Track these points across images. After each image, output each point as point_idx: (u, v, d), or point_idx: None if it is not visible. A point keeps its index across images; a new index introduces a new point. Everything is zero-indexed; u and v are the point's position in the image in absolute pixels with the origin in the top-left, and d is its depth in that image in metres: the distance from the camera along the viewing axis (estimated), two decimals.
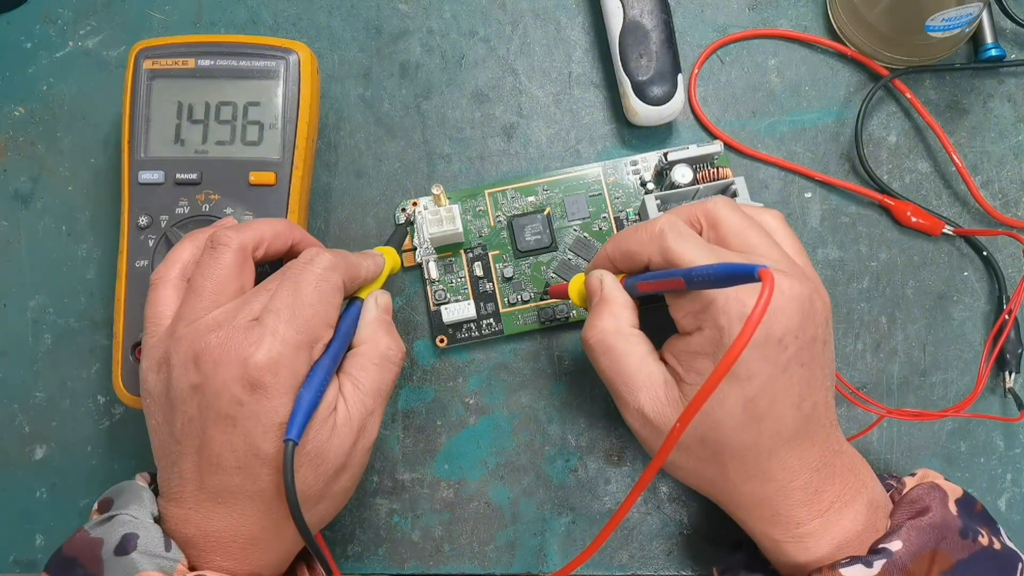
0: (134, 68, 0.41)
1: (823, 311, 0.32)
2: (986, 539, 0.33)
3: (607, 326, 0.35)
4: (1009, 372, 0.43)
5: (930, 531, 0.32)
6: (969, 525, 0.33)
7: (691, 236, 0.33)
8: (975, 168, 0.46)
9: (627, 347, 0.34)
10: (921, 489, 0.34)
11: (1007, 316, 0.42)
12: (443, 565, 0.42)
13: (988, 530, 0.34)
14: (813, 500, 0.33)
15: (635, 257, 0.34)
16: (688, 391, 0.32)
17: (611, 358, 0.34)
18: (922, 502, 0.33)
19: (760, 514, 0.33)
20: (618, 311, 0.35)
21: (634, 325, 0.35)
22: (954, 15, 0.42)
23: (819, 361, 0.32)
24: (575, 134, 0.46)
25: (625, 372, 0.34)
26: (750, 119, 0.46)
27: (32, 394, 0.44)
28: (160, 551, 0.30)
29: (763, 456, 0.32)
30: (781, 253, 0.33)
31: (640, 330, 0.35)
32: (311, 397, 0.31)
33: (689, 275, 0.30)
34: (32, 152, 0.46)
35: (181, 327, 0.32)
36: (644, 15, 0.44)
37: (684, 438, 0.32)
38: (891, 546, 0.31)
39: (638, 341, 0.34)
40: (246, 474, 0.31)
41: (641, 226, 0.34)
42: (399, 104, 0.47)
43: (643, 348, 0.34)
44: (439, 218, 0.42)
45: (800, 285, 0.31)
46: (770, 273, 0.25)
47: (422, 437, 0.43)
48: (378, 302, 0.37)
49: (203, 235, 0.35)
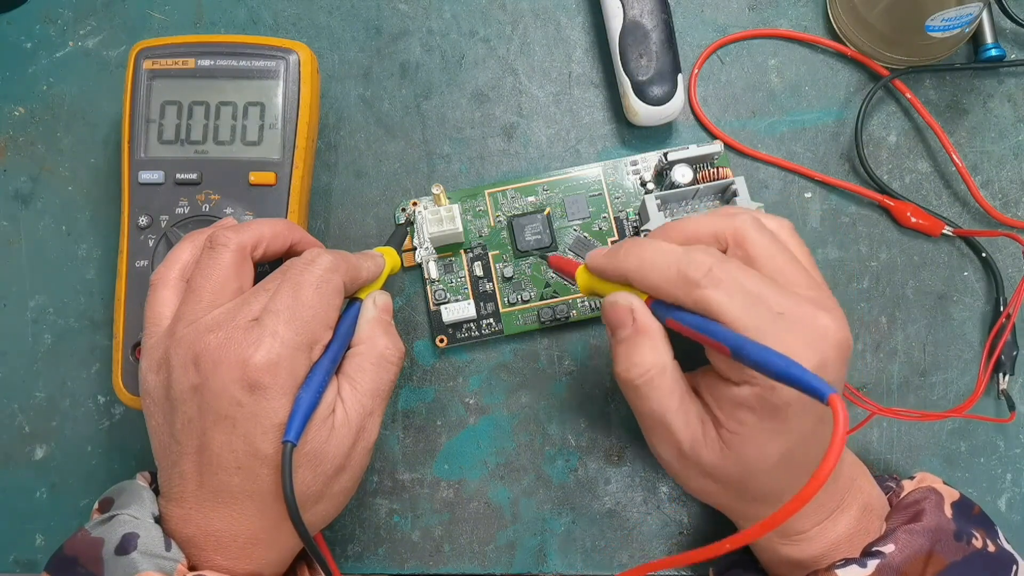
0: (134, 68, 0.41)
1: (851, 345, 0.31)
2: (980, 542, 0.33)
3: (653, 363, 0.32)
4: (1003, 374, 0.43)
5: (924, 535, 0.32)
6: (964, 528, 0.33)
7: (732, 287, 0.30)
8: (975, 168, 0.46)
9: (672, 384, 0.32)
10: (918, 493, 0.35)
11: (1004, 320, 0.42)
12: (443, 565, 0.42)
13: (984, 533, 0.34)
14: (815, 513, 0.34)
15: (660, 293, 0.32)
16: (728, 438, 0.31)
17: (657, 396, 0.32)
18: (918, 506, 0.34)
19: None
20: (659, 344, 0.32)
21: (673, 357, 0.33)
22: (954, 15, 0.42)
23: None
24: (575, 134, 0.46)
25: (670, 411, 0.32)
26: (750, 119, 0.46)
27: (32, 394, 0.44)
28: (160, 551, 0.30)
29: (787, 493, 0.33)
30: (807, 277, 0.32)
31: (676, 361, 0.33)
32: (310, 398, 0.31)
33: (739, 350, 0.28)
34: (32, 152, 0.46)
35: (181, 328, 0.32)
36: (644, 15, 0.44)
37: (715, 474, 0.32)
38: (884, 549, 0.32)
39: (679, 377, 0.33)
40: (246, 474, 0.31)
41: (668, 255, 0.31)
42: (399, 104, 0.47)
43: (684, 384, 0.33)
44: (439, 218, 0.42)
45: (840, 327, 0.30)
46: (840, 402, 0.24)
47: (422, 437, 0.43)
48: (377, 302, 0.37)
49: (202, 235, 0.35)
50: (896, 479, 0.37)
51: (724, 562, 0.38)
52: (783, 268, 0.32)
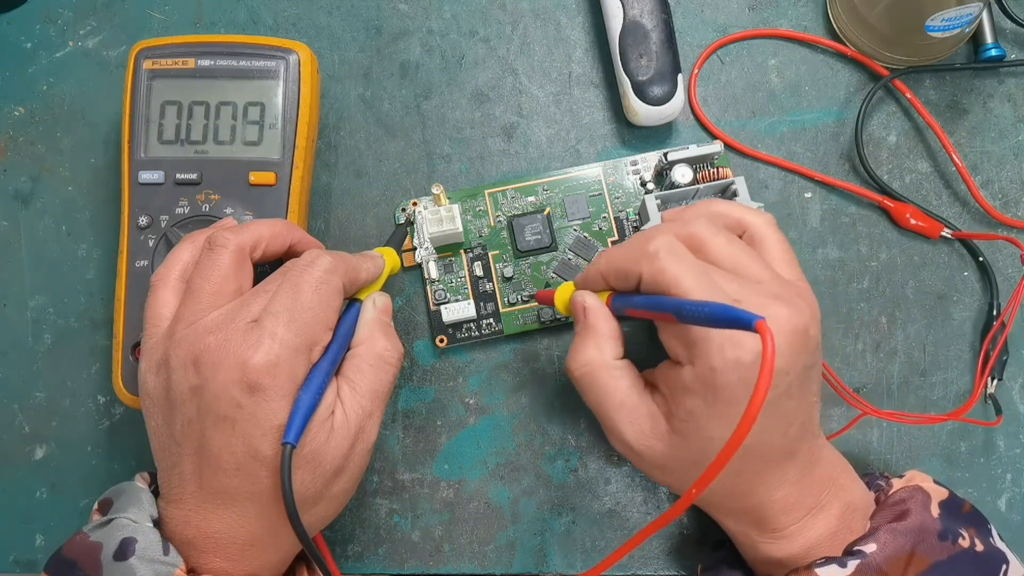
0: (134, 68, 0.41)
1: (816, 334, 0.32)
2: (967, 541, 0.33)
3: (592, 359, 0.34)
4: (992, 378, 0.43)
5: (906, 535, 0.32)
6: (950, 528, 0.33)
7: (687, 258, 0.32)
8: (975, 168, 0.46)
9: (611, 381, 0.34)
10: (904, 492, 0.35)
11: (999, 326, 0.42)
12: (443, 565, 0.42)
13: (974, 531, 0.34)
14: (792, 509, 0.34)
15: (626, 276, 0.33)
16: (678, 427, 0.32)
17: (595, 391, 0.34)
18: (903, 505, 0.34)
19: (740, 520, 0.35)
20: (602, 343, 0.34)
21: (618, 356, 0.34)
22: (954, 15, 0.42)
23: (810, 386, 0.33)
24: (575, 134, 0.46)
25: (609, 406, 0.34)
26: (750, 119, 0.46)
27: (32, 394, 0.44)
28: (158, 556, 0.30)
29: (745, 479, 0.33)
30: (772, 273, 0.33)
31: (625, 359, 0.35)
32: (309, 400, 0.31)
33: (680, 310, 0.29)
34: (32, 152, 0.46)
35: (180, 329, 0.32)
36: (644, 15, 0.44)
37: (670, 463, 0.33)
38: (866, 548, 0.32)
39: (622, 374, 0.34)
40: (245, 475, 0.31)
41: (635, 241, 0.33)
42: (399, 104, 0.47)
43: (626, 381, 0.34)
44: (439, 218, 0.42)
45: (795, 315, 0.31)
46: (768, 328, 0.25)
47: (422, 437, 0.43)
48: (376, 303, 0.37)
49: (202, 236, 0.35)
50: (887, 477, 0.37)
51: (711, 560, 0.39)
52: (746, 265, 0.33)
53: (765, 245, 0.35)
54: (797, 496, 0.33)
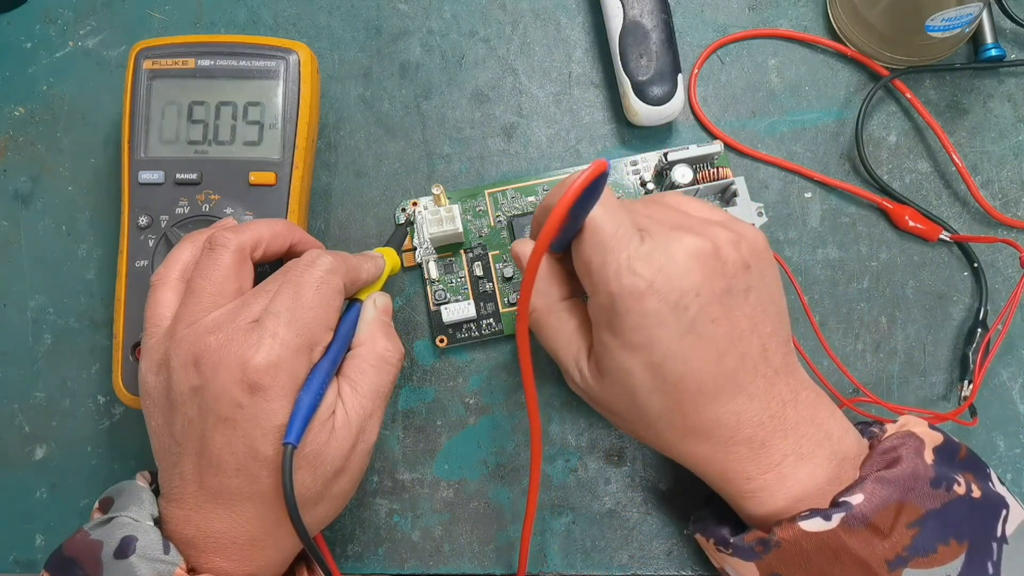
0: (134, 68, 0.41)
1: (739, 257, 0.31)
2: (962, 487, 0.31)
3: (536, 304, 0.34)
4: (968, 381, 0.42)
5: (896, 483, 0.30)
6: (944, 474, 0.31)
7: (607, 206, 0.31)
8: (975, 168, 0.46)
9: (557, 324, 0.34)
10: (895, 439, 0.33)
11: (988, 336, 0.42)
12: (443, 565, 0.42)
13: (971, 477, 0.32)
14: (760, 455, 0.32)
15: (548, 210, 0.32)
16: (598, 362, 0.32)
17: (544, 335, 0.35)
18: (894, 452, 0.32)
19: (708, 471, 0.33)
20: (544, 287, 0.34)
21: (563, 297, 0.34)
22: (954, 15, 0.42)
23: (742, 310, 0.31)
24: (575, 134, 0.46)
25: (558, 347, 0.34)
26: (750, 119, 0.46)
27: (32, 394, 0.44)
28: (159, 555, 0.30)
29: (689, 415, 0.31)
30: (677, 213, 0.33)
31: (573, 298, 0.35)
32: (310, 400, 0.31)
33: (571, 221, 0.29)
34: (32, 152, 0.46)
35: (181, 329, 0.32)
36: (644, 15, 0.44)
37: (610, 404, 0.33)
38: (852, 499, 0.30)
39: (568, 316, 0.34)
40: (246, 476, 0.31)
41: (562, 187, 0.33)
42: (399, 104, 0.47)
43: (573, 323, 0.34)
44: (439, 218, 0.42)
45: (695, 239, 0.30)
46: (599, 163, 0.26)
47: (422, 437, 0.43)
48: (376, 304, 0.37)
49: (202, 236, 0.35)
50: (881, 423, 0.35)
51: (700, 514, 0.37)
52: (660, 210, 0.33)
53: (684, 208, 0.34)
54: (763, 439, 0.31)
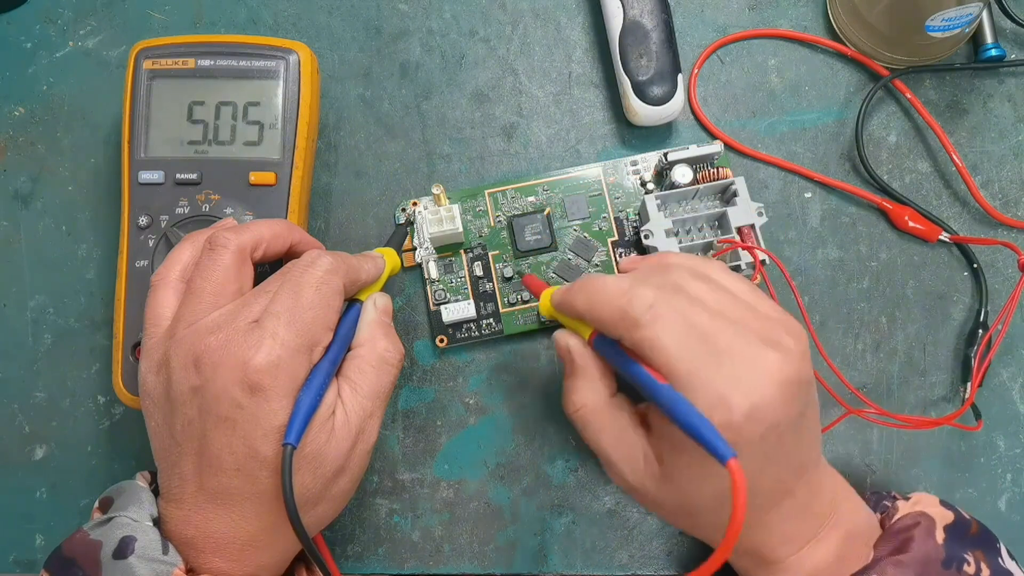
0: (134, 68, 0.41)
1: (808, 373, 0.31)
2: (972, 567, 0.33)
3: (586, 401, 0.33)
4: (968, 383, 0.42)
5: (910, 566, 0.32)
6: (955, 554, 0.33)
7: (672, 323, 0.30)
8: (975, 168, 0.46)
9: (606, 422, 0.33)
10: (908, 519, 0.34)
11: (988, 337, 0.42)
12: (443, 565, 0.42)
13: (981, 554, 0.33)
14: (790, 543, 0.33)
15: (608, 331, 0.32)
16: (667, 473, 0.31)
17: (592, 432, 0.33)
18: (907, 533, 0.34)
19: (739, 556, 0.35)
20: (594, 384, 0.33)
21: (611, 393, 0.34)
22: (954, 15, 0.42)
23: (804, 427, 0.32)
24: (575, 134, 0.46)
25: (606, 445, 0.33)
26: (750, 119, 0.46)
27: (32, 394, 0.44)
28: (157, 555, 0.30)
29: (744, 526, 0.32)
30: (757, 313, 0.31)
31: (619, 394, 0.34)
32: (310, 400, 0.31)
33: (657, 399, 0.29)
34: (32, 152, 0.46)
35: (181, 329, 0.32)
36: (644, 15, 0.44)
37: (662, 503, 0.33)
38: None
39: (618, 414, 0.33)
40: (245, 476, 0.31)
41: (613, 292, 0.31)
42: (399, 104, 0.47)
43: (622, 421, 0.33)
44: (439, 218, 0.42)
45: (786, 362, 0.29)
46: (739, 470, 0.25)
47: (422, 437, 0.43)
48: (377, 304, 0.37)
49: (202, 236, 0.35)
50: (894, 497, 0.37)
51: None
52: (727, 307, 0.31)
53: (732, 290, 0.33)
54: (795, 530, 0.33)
